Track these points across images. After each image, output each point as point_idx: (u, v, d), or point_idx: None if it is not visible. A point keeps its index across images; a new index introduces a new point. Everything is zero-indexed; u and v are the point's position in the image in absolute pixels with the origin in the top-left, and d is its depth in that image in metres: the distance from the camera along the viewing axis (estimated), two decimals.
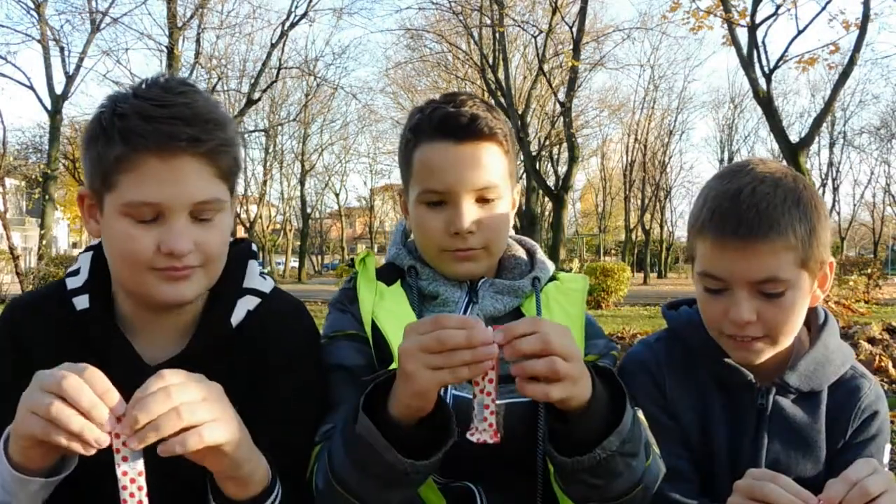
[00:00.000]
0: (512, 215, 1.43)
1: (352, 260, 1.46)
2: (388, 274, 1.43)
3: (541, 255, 1.50)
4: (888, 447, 1.37)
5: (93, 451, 0.90)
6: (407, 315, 1.34)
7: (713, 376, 1.38)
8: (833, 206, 45.64)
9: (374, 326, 1.32)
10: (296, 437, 1.24)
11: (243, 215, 37.46)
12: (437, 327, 0.98)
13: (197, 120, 1.12)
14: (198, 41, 25.30)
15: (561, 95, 21.58)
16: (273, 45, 24.75)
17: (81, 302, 1.22)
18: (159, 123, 1.09)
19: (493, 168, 1.34)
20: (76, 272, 1.27)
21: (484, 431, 1.02)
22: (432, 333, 0.98)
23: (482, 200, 1.33)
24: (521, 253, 1.50)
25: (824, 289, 1.32)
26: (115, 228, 1.14)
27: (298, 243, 44.77)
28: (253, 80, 25.04)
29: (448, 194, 1.31)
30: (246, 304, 1.26)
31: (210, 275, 1.21)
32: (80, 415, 0.89)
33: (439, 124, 1.32)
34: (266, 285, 1.32)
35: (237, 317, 1.24)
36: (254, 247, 1.38)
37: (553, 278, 1.47)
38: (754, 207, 1.21)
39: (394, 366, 1.09)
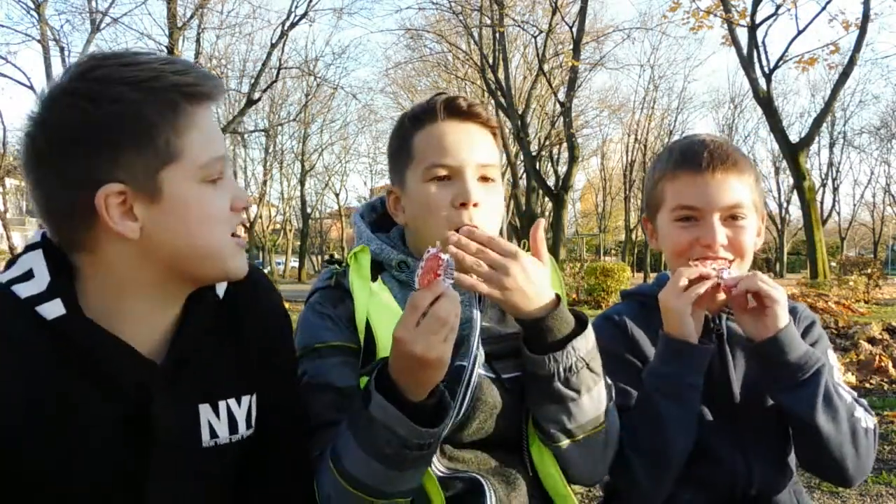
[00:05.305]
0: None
1: (331, 256, 1.44)
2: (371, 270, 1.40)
3: None
4: (832, 352, 1.57)
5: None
6: (396, 309, 1.30)
7: None
8: (833, 206, 45.69)
9: (367, 327, 1.30)
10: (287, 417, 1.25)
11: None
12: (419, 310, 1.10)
13: None
14: (198, 41, 25.32)
15: (561, 95, 21.62)
16: (273, 45, 24.75)
17: (52, 309, 1.00)
18: None
19: (492, 149, 1.42)
20: (26, 276, 1.02)
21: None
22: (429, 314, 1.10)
23: (484, 179, 1.38)
24: None
25: (760, 238, 1.56)
26: None
27: (298, 243, 44.78)
28: (253, 80, 25.00)
29: (456, 169, 1.35)
30: None
31: None
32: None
33: (444, 107, 1.38)
34: None
35: (221, 287, 1.19)
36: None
37: None
38: (720, 148, 1.50)
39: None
